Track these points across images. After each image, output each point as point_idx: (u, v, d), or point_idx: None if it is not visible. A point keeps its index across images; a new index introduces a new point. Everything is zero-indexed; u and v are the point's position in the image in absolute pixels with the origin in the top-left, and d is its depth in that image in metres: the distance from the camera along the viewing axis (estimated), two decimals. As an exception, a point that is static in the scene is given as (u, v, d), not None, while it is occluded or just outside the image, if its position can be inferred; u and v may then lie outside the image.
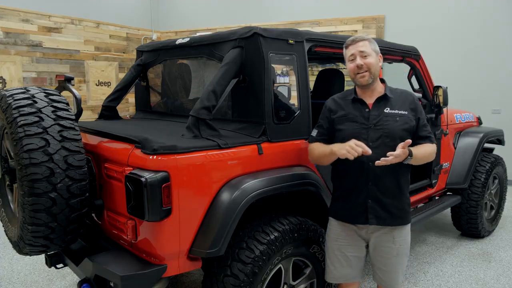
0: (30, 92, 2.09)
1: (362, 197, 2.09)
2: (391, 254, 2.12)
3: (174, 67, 3.07)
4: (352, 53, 2.08)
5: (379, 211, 2.07)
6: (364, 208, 2.08)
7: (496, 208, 4.45)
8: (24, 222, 1.95)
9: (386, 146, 2.01)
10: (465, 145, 3.98)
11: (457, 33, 6.56)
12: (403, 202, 2.12)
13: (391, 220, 2.09)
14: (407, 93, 2.18)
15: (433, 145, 2.13)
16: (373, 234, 2.13)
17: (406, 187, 2.15)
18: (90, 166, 2.28)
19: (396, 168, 2.03)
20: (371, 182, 2.06)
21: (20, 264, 3.69)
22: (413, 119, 2.09)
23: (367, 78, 2.05)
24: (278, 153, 2.33)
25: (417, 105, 2.13)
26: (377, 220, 2.08)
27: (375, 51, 2.09)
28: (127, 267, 1.95)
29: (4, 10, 5.97)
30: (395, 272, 2.14)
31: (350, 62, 2.09)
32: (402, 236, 2.13)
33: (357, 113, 2.11)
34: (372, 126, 2.06)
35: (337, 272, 2.21)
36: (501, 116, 6.37)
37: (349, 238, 2.17)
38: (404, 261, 2.17)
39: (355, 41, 2.08)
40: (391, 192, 2.08)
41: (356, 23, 7.16)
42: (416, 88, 3.69)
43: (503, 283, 3.33)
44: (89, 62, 7.22)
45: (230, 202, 2.00)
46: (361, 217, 2.10)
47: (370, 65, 2.04)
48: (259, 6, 8.02)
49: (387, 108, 2.09)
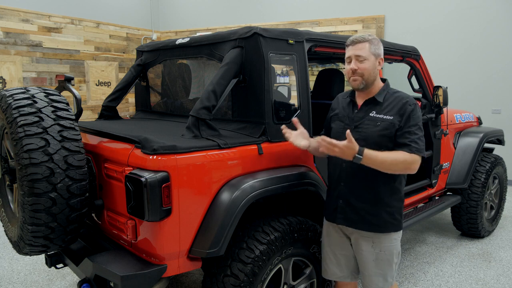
0: (30, 92, 2.09)
1: (334, 196, 2.14)
2: (369, 258, 2.09)
3: (174, 67, 3.07)
4: (349, 55, 2.04)
5: (349, 213, 2.08)
6: (335, 207, 2.13)
7: (496, 208, 4.45)
8: (24, 222, 1.95)
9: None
10: (465, 145, 3.98)
11: (457, 33, 6.56)
12: (379, 209, 2.03)
13: (363, 225, 2.05)
14: (401, 98, 2.04)
15: (410, 155, 1.92)
16: (352, 235, 2.13)
17: (388, 195, 2.04)
18: (90, 166, 2.28)
19: (373, 174, 1.97)
20: (343, 183, 2.09)
21: (20, 264, 3.69)
22: (397, 125, 1.97)
23: (358, 83, 2.02)
24: (278, 153, 2.33)
25: (406, 111, 1.98)
26: (346, 221, 2.08)
27: (375, 54, 2.01)
28: (127, 267, 1.95)
29: (4, 10, 5.97)
30: (373, 276, 2.11)
31: (347, 63, 2.08)
32: (382, 242, 2.06)
33: (346, 113, 2.14)
34: (353, 128, 2.06)
35: (328, 269, 2.26)
36: (501, 116, 6.37)
37: (336, 235, 2.20)
38: (385, 268, 2.09)
39: (354, 42, 2.02)
40: (364, 197, 2.04)
41: (356, 23, 7.16)
42: (416, 88, 3.69)
43: (503, 283, 3.33)
44: (89, 62, 7.22)
45: (230, 202, 2.00)
46: (332, 215, 2.16)
47: (364, 71, 2.00)
48: (259, 6, 8.02)
49: (373, 111, 2.05)
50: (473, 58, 6.49)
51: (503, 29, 6.28)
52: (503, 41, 6.29)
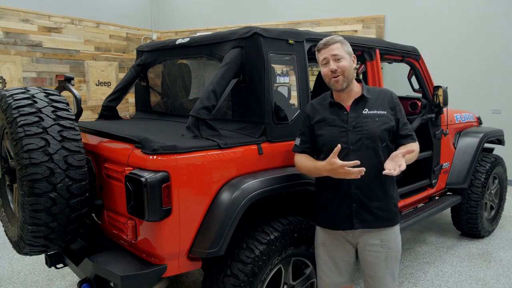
0: (30, 92, 2.09)
1: (346, 202, 2.04)
2: (379, 258, 2.06)
3: (174, 67, 3.07)
4: (324, 57, 2.02)
5: (364, 215, 2.03)
6: (348, 213, 2.04)
7: (496, 208, 4.45)
8: (24, 222, 1.95)
9: (367, 148, 1.99)
10: (465, 145, 3.98)
11: (457, 33, 6.56)
12: (388, 203, 2.07)
13: (377, 223, 2.05)
14: (385, 92, 2.12)
15: (416, 144, 2.09)
16: (360, 237, 2.08)
17: (391, 187, 2.09)
18: (90, 166, 2.28)
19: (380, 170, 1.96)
20: (354, 187, 2.01)
21: (20, 264, 3.69)
22: (392, 118, 2.05)
23: (341, 82, 2.00)
24: (278, 153, 2.33)
25: (395, 104, 2.09)
26: (362, 224, 2.04)
27: (348, 53, 2.03)
28: (127, 267, 1.95)
29: (4, 10, 5.97)
30: (384, 277, 2.08)
31: (323, 66, 2.04)
32: (390, 239, 2.07)
33: (335, 116, 2.06)
34: (351, 129, 2.02)
35: (327, 279, 2.15)
36: (501, 116, 6.37)
37: (337, 243, 2.12)
38: (394, 266, 2.09)
39: (327, 44, 2.01)
40: (376, 195, 2.04)
41: (356, 23, 7.16)
42: (416, 88, 3.69)
43: (503, 283, 3.34)
44: (89, 62, 7.22)
45: (230, 202, 2.00)
46: (346, 222, 2.06)
47: (344, 68, 1.99)
48: (259, 6, 8.02)
49: (365, 109, 2.04)
50: (473, 58, 6.49)
51: (503, 29, 6.28)
52: (503, 41, 6.30)
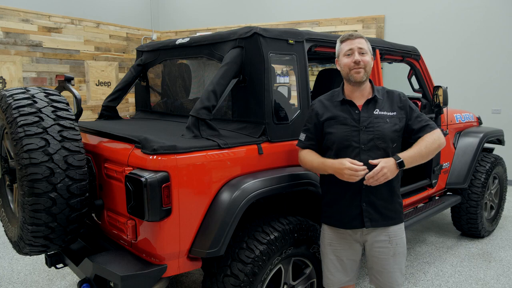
0: (30, 92, 2.09)
1: (356, 201, 2.05)
2: (388, 254, 2.10)
3: (174, 67, 3.07)
4: (350, 47, 2.03)
5: (373, 214, 2.05)
6: (358, 212, 2.05)
7: (496, 208, 4.45)
8: (24, 222, 1.95)
9: (378, 148, 2.00)
10: (465, 145, 3.98)
11: (457, 33, 6.56)
12: (394, 202, 2.10)
13: (383, 221, 2.08)
14: (393, 93, 2.14)
15: (435, 131, 2.06)
16: (368, 235, 2.10)
17: (397, 187, 2.12)
18: (90, 166, 2.28)
19: None
20: (365, 185, 2.01)
21: (20, 264, 3.69)
22: (402, 119, 2.07)
23: (361, 75, 2.01)
24: (278, 153, 2.33)
25: (404, 102, 2.10)
26: (371, 222, 2.06)
27: (370, 51, 2.07)
28: (127, 267, 1.95)
29: (4, 10, 5.97)
30: (393, 273, 2.12)
31: (346, 57, 2.04)
32: (398, 235, 2.11)
33: (347, 115, 2.06)
34: (363, 129, 2.02)
35: (333, 278, 2.17)
36: (501, 116, 6.37)
37: (344, 242, 2.13)
38: (402, 261, 2.14)
39: (353, 36, 2.04)
40: (382, 194, 2.05)
41: (356, 23, 7.16)
42: (416, 88, 3.69)
43: (503, 283, 3.33)
44: (89, 62, 7.22)
45: (230, 202, 2.00)
46: (355, 221, 2.07)
47: (367, 63, 2.02)
48: (259, 6, 8.02)
49: (376, 109, 2.06)
50: (473, 58, 6.49)
51: (503, 29, 6.28)
52: (503, 41, 6.29)
